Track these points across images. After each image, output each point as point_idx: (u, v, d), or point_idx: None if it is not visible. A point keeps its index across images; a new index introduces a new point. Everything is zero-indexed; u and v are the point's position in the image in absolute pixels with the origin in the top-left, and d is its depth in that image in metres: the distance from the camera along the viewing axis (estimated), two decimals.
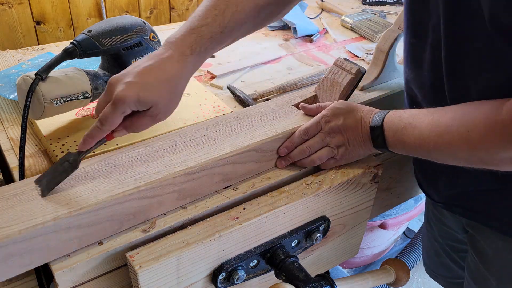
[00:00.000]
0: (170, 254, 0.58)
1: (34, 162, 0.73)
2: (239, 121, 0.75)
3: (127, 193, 0.59)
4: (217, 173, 0.67)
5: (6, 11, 1.24)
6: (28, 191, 0.59)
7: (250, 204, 0.67)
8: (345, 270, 1.70)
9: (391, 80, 0.90)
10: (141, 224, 0.63)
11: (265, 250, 0.68)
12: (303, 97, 0.83)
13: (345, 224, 0.80)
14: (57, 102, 0.70)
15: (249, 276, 0.69)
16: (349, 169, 0.75)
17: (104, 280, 0.61)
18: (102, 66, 0.82)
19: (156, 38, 0.85)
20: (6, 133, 0.80)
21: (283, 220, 0.69)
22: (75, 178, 0.61)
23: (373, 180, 0.77)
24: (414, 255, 1.59)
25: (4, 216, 0.54)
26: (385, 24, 1.31)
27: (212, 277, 0.65)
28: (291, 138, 0.73)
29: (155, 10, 1.50)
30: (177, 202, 0.65)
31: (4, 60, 1.04)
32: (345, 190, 0.74)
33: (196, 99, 0.88)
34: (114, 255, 0.60)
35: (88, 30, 0.74)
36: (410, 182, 1.04)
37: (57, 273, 0.56)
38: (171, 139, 0.70)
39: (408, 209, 1.61)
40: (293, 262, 0.67)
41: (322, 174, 0.74)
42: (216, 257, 0.64)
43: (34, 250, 0.54)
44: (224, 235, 0.62)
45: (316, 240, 0.74)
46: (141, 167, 0.64)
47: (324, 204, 0.73)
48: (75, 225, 0.56)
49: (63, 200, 0.57)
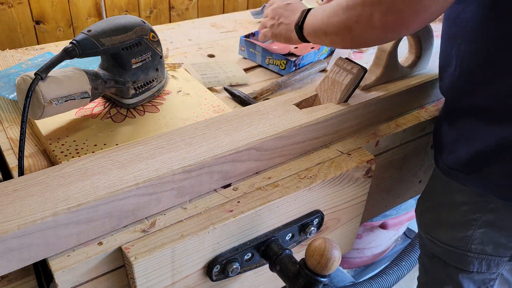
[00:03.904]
0: (165, 246, 0.59)
1: (33, 162, 0.73)
2: (239, 120, 0.75)
3: (126, 189, 0.59)
4: (216, 171, 0.67)
5: (6, 10, 1.24)
6: (28, 186, 0.59)
7: (244, 198, 0.68)
8: (345, 270, 1.70)
9: (392, 80, 0.90)
10: (141, 224, 0.63)
11: (259, 243, 0.69)
12: (304, 96, 0.83)
13: (339, 218, 0.81)
14: (57, 102, 0.70)
15: (244, 269, 0.70)
16: (342, 163, 0.76)
17: (104, 280, 0.61)
18: (102, 66, 0.82)
19: (156, 37, 0.85)
20: (5, 133, 0.80)
21: (277, 213, 0.69)
22: (75, 174, 0.61)
23: (366, 174, 0.78)
24: (414, 256, 1.58)
25: (3, 211, 0.54)
26: None
27: (207, 270, 0.66)
28: None
29: (155, 9, 1.50)
30: (176, 200, 0.65)
31: (3, 60, 1.04)
32: (339, 184, 0.75)
33: (196, 99, 0.88)
34: (113, 255, 0.60)
35: (88, 29, 0.74)
36: (410, 182, 1.04)
37: (56, 273, 0.56)
38: (171, 137, 0.70)
39: (409, 209, 1.61)
40: (288, 255, 0.68)
41: (315, 168, 0.75)
42: (210, 250, 0.64)
43: (33, 246, 0.54)
44: (218, 227, 0.63)
45: (310, 234, 0.75)
46: (141, 164, 0.64)
47: (318, 198, 0.74)
48: (74, 221, 0.56)
49: (62, 196, 0.57)
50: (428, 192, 0.90)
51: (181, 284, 0.65)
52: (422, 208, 0.91)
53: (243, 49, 1.13)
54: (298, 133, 0.74)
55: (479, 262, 0.82)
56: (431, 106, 0.97)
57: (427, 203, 0.89)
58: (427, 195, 0.90)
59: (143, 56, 0.83)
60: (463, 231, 0.80)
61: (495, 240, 0.78)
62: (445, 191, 0.83)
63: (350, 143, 0.82)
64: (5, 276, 0.62)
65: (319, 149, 0.80)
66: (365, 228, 1.60)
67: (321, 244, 0.61)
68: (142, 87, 0.85)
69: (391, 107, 0.89)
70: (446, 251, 0.84)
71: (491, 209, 0.76)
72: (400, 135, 0.89)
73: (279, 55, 1.06)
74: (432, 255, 0.89)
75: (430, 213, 0.88)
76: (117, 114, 0.82)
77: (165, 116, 0.83)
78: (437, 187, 0.86)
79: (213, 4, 1.62)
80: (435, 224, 0.86)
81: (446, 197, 0.83)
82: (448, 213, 0.82)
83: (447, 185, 0.82)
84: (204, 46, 1.20)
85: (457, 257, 0.83)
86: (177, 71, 0.99)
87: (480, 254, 0.81)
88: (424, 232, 0.89)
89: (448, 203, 0.82)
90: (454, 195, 0.81)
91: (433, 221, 0.87)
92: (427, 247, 0.90)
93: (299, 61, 1.06)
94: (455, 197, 0.81)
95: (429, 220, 0.88)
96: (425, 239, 0.89)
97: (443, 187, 0.83)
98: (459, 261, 0.83)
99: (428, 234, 0.87)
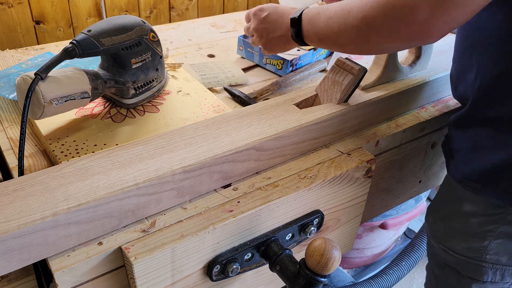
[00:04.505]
0: (165, 246, 0.59)
1: (33, 162, 0.73)
2: (239, 120, 0.75)
3: (126, 190, 0.59)
4: (216, 171, 0.67)
5: (6, 10, 1.24)
6: (27, 186, 0.59)
7: (244, 198, 0.68)
8: (345, 270, 1.70)
9: (392, 80, 0.90)
10: (141, 224, 0.63)
11: (259, 243, 0.69)
12: (304, 96, 0.83)
13: (339, 218, 0.81)
14: (57, 102, 0.70)
15: (244, 269, 0.69)
16: (343, 163, 0.76)
17: (104, 280, 0.61)
18: (102, 66, 0.82)
19: (156, 37, 0.85)
20: (5, 133, 0.80)
21: (277, 214, 0.69)
22: (75, 174, 0.61)
23: (366, 174, 0.78)
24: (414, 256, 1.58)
25: (3, 211, 0.54)
26: None
27: (207, 270, 0.66)
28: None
29: (155, 9, 1.50)
30: (175, 200, 0.65)
31: (3, 60, 1.04)
32: (339, 184, 0.75)
33: (196, 99, 0.88)
34: (113, 255, 0.60)
35: (88, 29, 0.74)
36: (410, 182, 1.04)
37: (56, 273, 0.56)
38: (171, 137, 0.70)
39: (409, 209, 1.61)
40: (288, 255, 0.68)
41: (315, 168, 0.74)
42: (210, 250, 0.64)
43: (32, 246, 0.54)
44: (218, 227, 0.63)
45: (310, 234, 0.75)
46: (140, 164, 0.64)
47: (318, 198, 0.74)
48: (74, 221, 0.56)
49: (62, 196, 0.57)
50: (440, 201, 0.89)
51: (181, 284, 0.65)
52: (433, 217, 0.89)
53: (241, 49, 1.13)
54: (298, 133, 0.74)
55: (493, 272, 0.81)
56: (431, 106, 0.97)
57: (439, 213, 0.88)
58: (439, 204, 0.89)
59: (143, 56, 0.83)
60: (478, 242, 0.79)
61: (510, 250, 0.78)
62: (458, 200, 0.81)
63: (350, 143, 0.82)
64: (5, 276, 0.62)
65: (319, 149, 0.80)
66: (365, 228, 1.60)
67: (321, 244, 0.61)
68: (142, 87, 0.85)
69: (391, 107, 0.89)
70: (459, 261, 0.83)
71: (509, 220, 0.75)
72: (400, 135, 0.89)
73: (276, 55, 1.06)
74: (444, 264, 0.87)
75: (443, 222, 0.86)
76: (117, 114, 0.82)
77: (165, 116, 0.83)
78: (450, 196, 0.84)
79: (213, 4, 1.62)
80: (448, 234, 0.85)
81: (460, 207, 0.81)
82: (462, 223, 0.81)
83: (460, 195, 0.80)
84: (204, 46, 1.20)
85: (471, 267, 0.82)
86: (177, 71, 0.99)
87: (495, 264, 0.80)
88: (436, 241, 0.88)
89: (462, 212, 0.81)
90: (468, 205, 0.79)
91: (446, 230, 0.85)
92: (439, 257, 0.88)
93: (296, 61, 1.06)
94: (469, 207, 0.79)
95: (442, 229, 0.86)
96: (437, 248, 0.88)
97: (456, 197, 0.82)
98: (473, 271, 0.83)
99: (441, 244, 0.86)
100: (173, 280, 0.64)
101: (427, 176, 1.06)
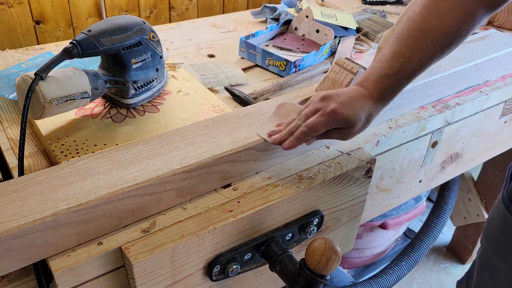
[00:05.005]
0: (165, 246, 0.59)
1: (33, 162, 0.73)
2: (239, 120, 0.75)
3: (126, 190, 0.59)
4: (216, 171, 0.67)
5: (6, 10, 1.24)
6: (28, 186, 0.59)
7: (244, 198, 0.68)
8: (345, 270, 1.70)
9: None
10: (141, 224, 0.63)
11: (259, 243, 0.69)
12: (304, 96, 0.83)
13: (339, 218, 0.81)
14: (57, 102, 0.70)
15: (244, 269, 0.69)
16: (342, 163, 0.76)
17: (104, 280, 0.61)
18: (102, 66, 0.82)
19: (155, 37, 0.85)
20: (5, 133, 0.80)
21: (277, 214, 0.69)
22: (75, 174, 0.61)
23: (366, 174, 0.78)
24: (415, 256, 1.58)
25: (3, 211, 0.54)
26: (386, 23, 1.31)
27: (207, 270, 0.66)
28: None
29: (155, 9, 1.50)
30: (175, 200, 0.65)
31: (3, 60, 1.04)
32: (339, 184, 0.75)
33: (196, 99, 0.88)
34: (113, 255, 0.60)
35: (88, 29, 0.74)
36: (410, 183, 1.04)
37: (56, 273, 0.56)
38: (171, 137, 0.70)
39: (409, 209, 1.60)
40: (288, 255, 0.68)
41: (315, 167, 0.74)
42: (210, 250, 0.64)
43: (32, 246, 0.54)
44: (218, 227, 0.63)
45: (310, 234, 0.75)
46: (141, 164, 0.64)
47: (318, 198, 0.74)
48: (74, 221, 0.56)
49: (62, 196, 0.57)
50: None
51: (181, 284, 0.65)
52: None
53: (243, 50, 1.13)
54: None
55: None
56: (431, 106, 0.97)
57: None
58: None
59: (143, 56, 0.83)
60: None
61: None
62: None
63: (350, 143, 0.82)
64: (5, 276, 0.62)
65: (319, 149, 0.80)
66: (365, 228, 1.60)
67: (321, 244, 0.61)
68: (142, 87, 0.85)
69: (391, 107, 0.89)
70: None
71: None
72: (400, 135, 0.89)
73: (279, 56, 1.06)
74: None
75: None
76: (117, 114, 0.82)
77: (165, 116, 0.83)
78: None
79: (213, 4, 1.62)
80: None
81: None
82: None
83: None
84: (204, 46, 1.20)
85: None
86: (177, 71, 0.99)
87: None
88: None
89: None
90: None
91: None
92: None
93: (299, 62, 1.06)
94: None
95: None
96: None
97: None
98: None
99: None
100: (173, 280, 0.63)
101: (427, 176, 1.06)
